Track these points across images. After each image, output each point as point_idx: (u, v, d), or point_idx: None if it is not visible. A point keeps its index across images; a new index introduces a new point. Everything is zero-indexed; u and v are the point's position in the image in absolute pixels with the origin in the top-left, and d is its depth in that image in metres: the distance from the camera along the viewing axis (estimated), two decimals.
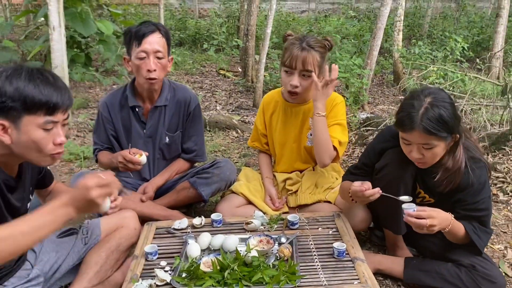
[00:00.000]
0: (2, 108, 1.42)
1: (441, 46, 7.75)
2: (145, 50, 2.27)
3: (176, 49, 8.44)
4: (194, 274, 1.70)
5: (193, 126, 2.62)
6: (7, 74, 1.43)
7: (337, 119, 2.45)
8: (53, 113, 1.49)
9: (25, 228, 1.32)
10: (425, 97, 1.80)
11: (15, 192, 1.62)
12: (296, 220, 2.12)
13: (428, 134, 1.76)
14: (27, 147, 1.49)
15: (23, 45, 6.40)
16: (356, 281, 1.72)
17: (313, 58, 2.31)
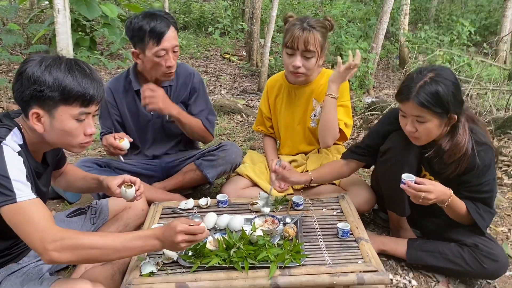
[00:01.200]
0: (39, 97, 1.44)
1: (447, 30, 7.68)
2: (165, 48, 2.26)
3: (181, 33, 8.40)
4: (200, 252, 1.73)
5: (199, 100, 2.60)
6: (47, 64, 1.45)
7: (342, 100, 2.45)
8: (88, 105, 1.51)
9: (118, 246, 1.46)
10: (428, 72, 1.83)
11: (41, 178, 1.66)
12: (301, 201, 2.14)
13: (421, 106, 1.78)
14: (59, 136, 1.52)
15: (28, 28, 6.40)
16: (360, 260, 1.74)
17: (315, 38, 2.30)
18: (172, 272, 1.70)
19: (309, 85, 2.52)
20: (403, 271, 2.10)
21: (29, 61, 1.47)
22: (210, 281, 1.64)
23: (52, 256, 1.37)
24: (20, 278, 1.57)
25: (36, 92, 1.43)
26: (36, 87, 1.42)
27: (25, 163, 1.46)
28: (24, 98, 1.45)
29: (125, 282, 1.64)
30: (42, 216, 1.40)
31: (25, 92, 1.44)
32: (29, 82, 1.43)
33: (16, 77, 1.47)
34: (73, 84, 1.45)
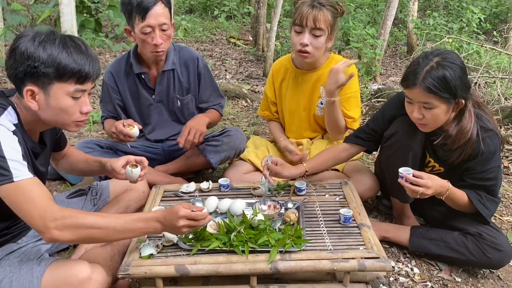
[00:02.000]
0: (33, 74, 1.40)
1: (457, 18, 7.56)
2: (150, 24, 2.19)
3: (186, 16, 8.32)
4: (201, 235, 1.72)
5: (207, 86, 2.58)
6: (40, 39, 1.41)
7: (351, 91, 2.41)
8: (83, 82, 1.48)
9: (119, 227, 1.47)
10: (434, 57, 1.78)
11: (39, 158, 1.64)
12: (303, 186, 2.12)
13: (428, 92, 1.74)
14: (55, 113, 1.49)
15: (32, 8, 6.35)
16: (361, 246, 1.72)
17: (325, 16, 2.23)
18: (171, 254, 1.69)
19: (316, 70, 2.46)
20: (405, 259, 2.08)
21: (22, 36, 1.42)
22: (210, 264, 1.63)
23: (53, 235, 1.37)
24: (18, 258, 1.56)
25: (30, 69, 1.39)
26: (30, 63, 1.39)
27: (20, 142, 1.44)
28: (18, 75, 1.42)
29: (124, 264, 1.63)
30: (41, 195, 1.38)
31: (19, 69, 1.40)
32: (23, 58, 1.39)
33: (9, 53, 1.43)
34: (68, 60, 1.42)
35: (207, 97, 2.58)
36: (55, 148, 1.89)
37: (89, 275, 1.47)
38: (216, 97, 2.62)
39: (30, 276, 1.47)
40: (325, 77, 2.42)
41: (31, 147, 1.55)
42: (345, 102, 2.39)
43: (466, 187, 1.92)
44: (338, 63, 2.23)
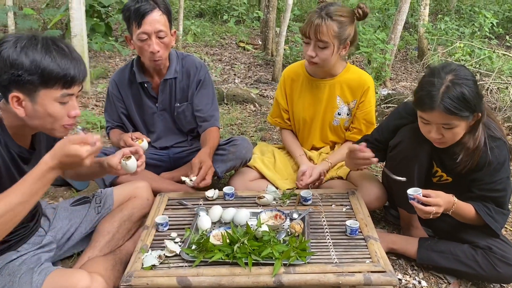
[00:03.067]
0: (18, 82, 1.38)
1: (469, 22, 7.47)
2: (146, 31, 2.15)
3: (196, 20, 8.33)
4: (204, 246, 1.69)
5: (204, 94, 2.52)
6: (22, 45, 1.38)
7: (371, 104, 2.42)
8: (70, 86, 1.45)
9: (20, 198, 1.36)
10: (446, 75, 1.71)
11: (30, 163, 1.61)
12: (309, 196, 2.08)
13: (449, 114, 1.67)
14: (42, 119, 1.46)
15: (44, 13, 6.40)
16: (368, 260, 1.68)
17: (328, 29, 2.16)
18: (174, 266, 1.67)
19: (331, 79, 2.42)
20: (413, 271, 2.03)
21: (3, 42, 1.39)
22: (212, 276, 1.60)
23: None
24: (18, 267, 1.55)
25: (14, 77, 1.37)
26: (14, 71, 1.36)
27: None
28: (2, 82, 1.39)
29: (126, 274, 1.61)
30: None
31: (3, 77, 1.38)
32: (6, 66, 1.36)
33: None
34: (52, 65, 1.39)
35: (203, 106, 2.51)
36: None
37: (88, 286, 1.46)
38: (212, 109, 2.54)
39: (29, 285, 1.46)
40: (342, 86, 2.41)
41: (17, 152, 1.53)
42: (367, 115, 2.44)
43: (474, 199, 1.88)
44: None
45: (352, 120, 2.49)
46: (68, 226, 1.93)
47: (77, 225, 1.95)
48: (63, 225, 1.91)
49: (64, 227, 1.91)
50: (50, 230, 1.87)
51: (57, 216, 1.92)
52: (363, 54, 5.33)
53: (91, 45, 5.78)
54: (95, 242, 1.91)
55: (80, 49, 4.52)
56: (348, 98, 2.43)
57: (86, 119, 3.80)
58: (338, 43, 2.23)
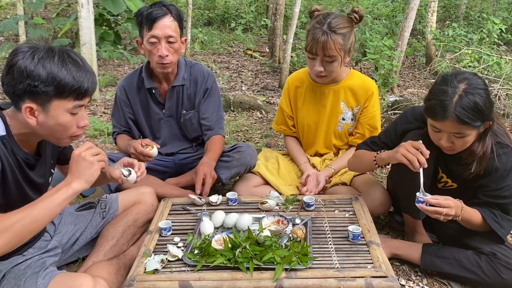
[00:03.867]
0: (33, 92, 1.41)
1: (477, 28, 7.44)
2: (156, 35, 2.21)
3: (204, 29, 8.41)
4: (206, 251, 1.70)
5: (211, 102, 2.56)
6: (39, 56, 1.41)
7: (374, 109, 2.44)
8: (82, 98, 1.50)
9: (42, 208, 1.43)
10: (459, 83, 1.69)
11: (36, 169, 1.65)
12: (312, 201, 2.09)
13: (461, 124, 1.66)
14: (52, 129, 1.50)
15: (54, 21, 6.51)
16: (369, 265, 1.68)
17: (335, 43, 2.15)
18: (176, 270, 1.68)
19: (335, 84, 2.43)
20: (417, 277, 2.02)
21: (19, 52, 1.43)
22: (214, 280, 1.61)
23: None
24: (23, 270, 1.57)
25: (29, 87, 1.40)
26: (30, 82, 1.40)
27: (0, 155, 1.45)
28: (16, 92, 1.42)
29: (128, 279, 1.63)
30: None
31: (17, 86, 1.41)
32: (22, 76, 1.40)
33: (7, 70, 1.43)
34: (68, 78, 1.43)
35: (209, 114, 2.55)
36: (62, 161, 1.91)
37: None
38: (217, 118, 2.58)
39: None
40: (346, 91, 2.43)
41: (23, 158, 1.56)
42: (371, 120, 2.45)
43: (480, 205, 1.87)
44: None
45: (356, 125, 2.49)
46: (73, 231, 1.95)
47: (82, 230, 1.98)
48: (68, 230, 1.94)
49: (69, 232, 1.94)
50: (56, 235, 1.89)
51: (63, 221, 1.95)
52: (370, 60, 5.33)
53: (100, 53, 5.86)
54: (100, 247, 1.93)
55: (89, 57, 4.59)
56: (352, 103, 2.44)
57: (94, 126, 3.85)
58: (344, 54, 2.24)
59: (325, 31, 2.15)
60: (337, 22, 2.19)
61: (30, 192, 1.64)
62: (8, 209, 1.44)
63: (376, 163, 2.04)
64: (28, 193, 1.63)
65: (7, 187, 1.52)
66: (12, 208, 1.45)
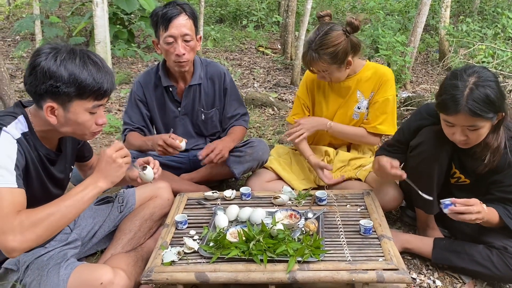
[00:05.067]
0: (54, 92, 1.47)
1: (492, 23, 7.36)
2: (173, 34, 2.26)
3: (216, 26, 8.45)
4: (221, 243, 1.75)
5: (233, 100, 2.65)
6: (62, 57, 1.46)
7: (381, 98, 2.42)
8: (102, 98, 1.56)
9: (70, 203, 1.50)
10: (469, 77, 1.71)
11: (57, 164, 1.72)
12: (324, 196, 2.12)
13: (474, 116, 1.68)
14: (72, 127, 1.57)
15: (69, 21, 6.61)
16: (381, 258, 1.71)
17: (321, 63, 2.25)
18: (192, 262, 1.73)
19: (352, 77, 2.45)
20: (428, 271, 2.05)
21: (41, 53, 1.47)
22: (229, 272, 1.66)
23: (13, 246, 1.38)
24: (46, 262, 1.63)
25: (51, 88, 1.45)
26: (52, 82, 1.45)
27: (24, 151, 1.51)
28: (38, 91, 1.47)
29: (146, 270, 1.68)
30: (10, 206, 1.40)
31: (40, 87, 1.46)
32: (45, 77, 1.45)
33: (30, 70, 1.48)
34: (89, 79, 1.48)
35: (233, 110, 2.66)
36: (80, 158, 1.97)
37: (111, 280, 1.53)
38: (242, 109, 2.69)
39: (56, 279, 1.54)
40: (362, 82, 2.45)
41: (45, 154, 1.62)
42: (381, 104, 2.43)
43: (494, 201, 1.88)
44: None
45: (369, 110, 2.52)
46: (92, 224, 2.01)
47: (100, 223, 2.04)
48: (87, 224, 2.00)
49: (88, 225, 2.00)
50: (75, 228, 1.96)
51: (82, 215, 2.01)
52: (382, 57, 5.33)
53: (114, 52, 5.94)
54: (118, 240, 1.99)
55: (104, 56, 4.66)
56: (367, 91, 2.46)
57: (109, 123, 3.92)
58: (339, 64, 2.28)
59: (312, 54, 2.25)
60: (322, 43, 2.22)
61: (51, 187, 1.71)
62: (32, 203, 1.50)
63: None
64: (49, 187, 1.70)
65: (30, 182, 1.59)
66: (35, 202, 1.52)
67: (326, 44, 2.21)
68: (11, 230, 1.38)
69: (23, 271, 1.64)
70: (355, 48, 2.29)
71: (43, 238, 1.46)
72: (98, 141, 3.70)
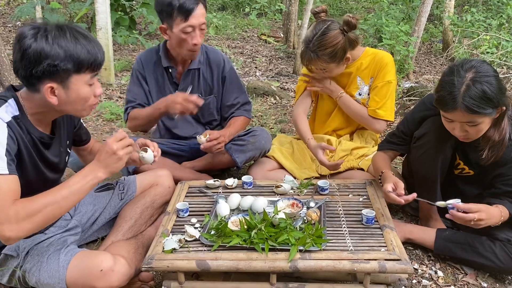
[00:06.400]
0: (52, 72, 1.44)
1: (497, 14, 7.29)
2: (193, 25, 2.26)
3: (218, 13, 8.37)
4: (222, 231, 1.74)
5: (233, 88, 2.62)
6: (52, 36, 1.43)
7: (380, 82, 2.42)
8: (97, 69, 1.54)
9: (67, 194, 1.48)
10: (466, 72, 1.68)
11: (51, 148, 1.69)
12: (327, 185, 2.11)
13: (471, 113, 1.66)
14: (74, 103, 1.55)
15: (70, 7, 6.55)
16: (383, 248, 1.70)
17: (321, 63, 2.28)
18: (193, 249, 1.72)
19: (352, 64, 2.45)
20: (430, 261, 2.04)
21: (26, 35, 1.42)
22: (230, 260, 1.65)
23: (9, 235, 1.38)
24: (46, 248, 1.63)
25: (49, 67, 1.43)
26: (50, 62, 1.42)
27: (15, 134, 1.49)
28: (35, 74, 1.44)
29: (147, 257, 1.67)
30: (6, 193, 1.40)
31: (36, 69, 1.43)
32: (40, 58, 1.41)
33: (21, 54, 1.43)
34: (83, 53, 1.46)
35: (233, 99, 2.62)
36: (77, 142, 1.95)
37: (111, 267, 1.53)
38: (243, 98, 2.65)
39: (56, 265, 1.54)
40: (362, 68, 2.45)
41: (38, 137, 1.60)
42: (380, 89, 2.42)
43: (499, 195, 1.86)
44: None
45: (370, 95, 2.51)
46: (93, 211, 2.00)
47: (101, 210, 2.03)
48: (87, 210, 1.99)
49: (88, 212, 1.99)
50: (76, 215, 1.95)
51: (82, 201, 2.00)
52: (386, 46, 5.28)
53: (115, 38, 5.90)
54: (118, 227, 1.98)
55: (105, 42, 4.63)
56: (367, 77, 2.46)
57: (110, 110, 3.90)
58: (338, 61, 2.30)
59: (310, 55, 2.27)
60: (320, 44, 2.23)
61: (46, 171, 1.69)
62: (27, 189, 1.49)
63: (381, 182, 2.05)
64: (44, 172, 1.68)
65: (24, 167, 1.57)
66: (30, 187, 1.51)
67: (324, 45, 2.22)
68: (7, 219, 1.37)
69: (23, 257, 1.64)
70: (353, 43, 2.30)
71: (40, 227, 1.46)
72: (99, 128, 3.68)
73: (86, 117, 3.85)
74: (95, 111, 4.02)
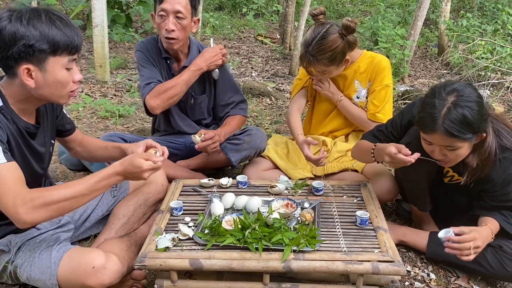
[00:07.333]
0: (28, 52, 1.44)
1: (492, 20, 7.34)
2: (165, 9, 2.25)
3: (215, 13, 8.37)
4: (216, 231, 1.73)
5: (227, 88, 2.61)
6: (27, 18, 1.44)
7: (378, 86, 2.43)
8: (75, 53, 1.54)
9: (85, 191, 1.54)
10: (448, 95, 1.65)
11: (37, 138, 1.69)
12: (321, 186, 2.11)
13: (450, 137, 1.64)
14: (52, 87, 1.53)
15: (66, 3, 6.52)
16: (376, 249, 1.70)
17: (321, 66, 2.29)
18: (187, 248, 1.71)
19: (350, 66, 2.46)
20: (422, 264, 2.05)
21: (2, 17, 1.43)
22: (223, 259, 1.64)
23: (25, 218, 1.42)
24: (38, 244, 1.61)
25: (25, 48, 1.42)
26: (25, 42, 1.42)
27: (2, 124, 1.49)
28: (11, 56, 1.43)
29: (140, 255, 1.66)
30: (13, 180, 1.43)
31: (11, 50, 1.42)
32: (15, 39, 1.41)
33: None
34: (59, 34, 1.46)
35: (227, 98, 2.62)
36: (61, 132, 1.92)
37: (103, 264, 1.51)
38: (238, 97, 2.65)
39: (48, 261, 1.52)
40: (360, 71, 2.47)
41: (24, 127, 1.60)
42: (377, 94, 2.44)
43: (488, 209, 1.87)
44: None
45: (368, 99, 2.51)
46: (85, 207, 1.99)
47: (93, 207, 2.01)
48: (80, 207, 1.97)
49: (81, 209, 1.97)
50: None
51: None
52: (381, 49, 5.31)
53: (111, 36, 5.88)
54: (111, 225, 1.96)
55: (101, 40, 4.60)
56: (365, 80, 2.47)
57: (105, 108, 3.88)
58: (337, 64, 2.32)
59: (310, 59, 2.29)
60: (319, 48, 2.24)
61: (33, 161, 1.69)
62: None
63: (373, 156, 1.99)
64: (32, 162, 1.68)
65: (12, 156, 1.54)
66: None
67: (323, 50, 2.23)
68: (23, 204, 1.41)
69: (14, 252, 1.62)
70: (352, 45, 2.31)
71: (54, 216, 1.52)
72: (94, 125, 3.66)
73: (81, 114, 3.84)
74: (90, 108, 4.00)
